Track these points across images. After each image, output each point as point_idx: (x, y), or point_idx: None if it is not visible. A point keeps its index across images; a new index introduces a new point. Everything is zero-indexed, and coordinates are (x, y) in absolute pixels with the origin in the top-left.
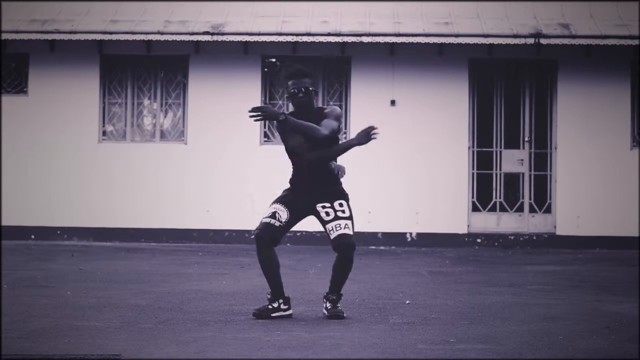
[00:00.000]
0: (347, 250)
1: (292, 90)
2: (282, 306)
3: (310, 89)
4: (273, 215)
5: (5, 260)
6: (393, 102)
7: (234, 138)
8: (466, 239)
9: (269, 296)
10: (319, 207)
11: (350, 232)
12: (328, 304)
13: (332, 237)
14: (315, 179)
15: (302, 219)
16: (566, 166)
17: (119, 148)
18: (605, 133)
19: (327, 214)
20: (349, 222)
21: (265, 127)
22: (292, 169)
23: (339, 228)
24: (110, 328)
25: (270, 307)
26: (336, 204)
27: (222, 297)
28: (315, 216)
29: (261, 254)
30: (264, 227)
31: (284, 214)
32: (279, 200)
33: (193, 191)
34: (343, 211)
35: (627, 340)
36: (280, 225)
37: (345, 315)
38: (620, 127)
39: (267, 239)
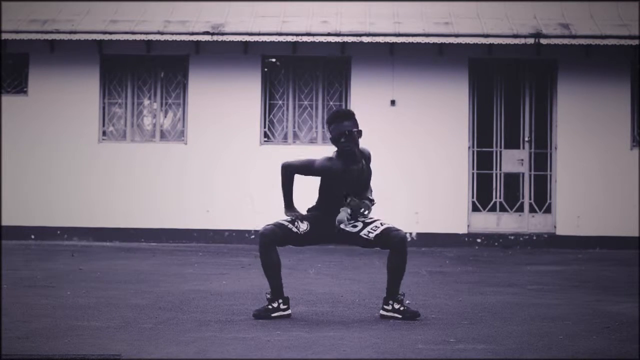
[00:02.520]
0: (400, 243)
1: (335, 136)
2: (282, 306)
3: (354, 130)
4: (292, 222)
5: (5, 260)
6: (393, 102)
7: (234, 138)
8: (466, 239)
9: (268, 296)
10: (342, 225)
11: (394, 226)
12: (396, 305)
13: (373, 237)
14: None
15: (322, 242)
16: (566, 166)
17: (119, 148)
18: (605, 133)
19: (355, 226)
20: (382, 220)
21: (265, 127)
22: (319, 200)
23: (376, 228)
24: (110, 328)
25: (269, 307)
26: (360, 217)
27: (222, 297)
28: (338, 238)
29: (264, 253)
30: (277, 227)
31: (303, 225)
32: (300, 216)
33: (193, 191)
34: (371, 218)
35: (627, 340)
36: (296, 232)
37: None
38: (620, 127)
39: (273, 239)
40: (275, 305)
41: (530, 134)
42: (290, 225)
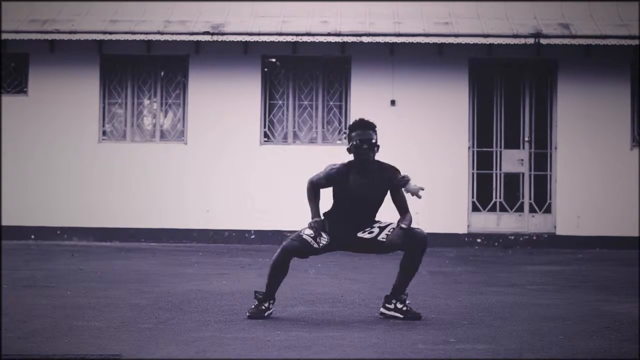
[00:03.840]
0: (423, 240)
1: (356, 142)
2: (271, 306)
3: (373, 141)
4: (315, 238)
5: (5, 260)
6: (393, 102)
7: (234, 138)
8: (466, 239)
9: (260, 296)
10: (359, 234)
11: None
12: (399, 304)
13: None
14: (361, 221)
15: (340, 249)
16: (566, 166)
17: (119, 148)
18: (605, 133)
19: (371, 232)
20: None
21: (265, 127)
22: (335, 207)
23: (393, 230)
24: (110, 328)
25: (262, 307)
26: (375, 225)
27: (222, 297)
28: (356, 246)
29: (279, 262)
30: (301, 244)
31: (323, 240)
32: (322, 227)
33: (193, 191)
34: (384, 222)
35: (627, 340)
36: (316, 248)
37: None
38: (620, 127)
39: (293, 254)
40: (266, 305)
41: (530, 134)
42: (312, 242)
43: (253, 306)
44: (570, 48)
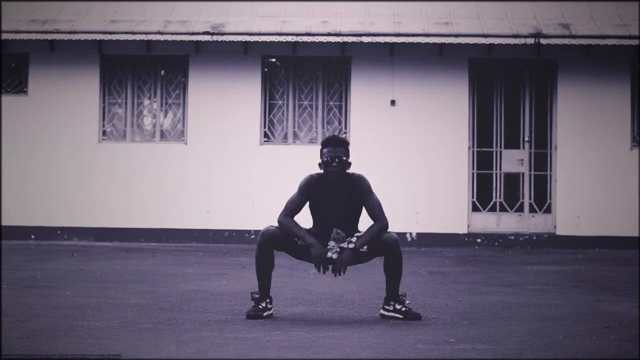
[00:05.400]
0: (393, 245)
1: (326, 159)
2: (268, 305)
3: (344, 158)
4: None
5: (5, 260)
6: (393, 102)
7: (234, 138)
8: (466, 239)
9: (256, 296)
10: (341, 245)
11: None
12: (397, 305)
13: (367, 249)
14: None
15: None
16: (566, 166)
17: (119, 148)
18: (605, 133)
19: (352, 242)
20: None
21: (265, 127)
22: (314, 223)
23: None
24: (110, 328)
25: (260, 307)
26: (356, 234)
27: (222, 297)
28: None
29: (260, 252)
30: (279, 230)
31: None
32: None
33: (193, 191)
34: (360, 231)
35: (627, 340)
36: (296, 241)
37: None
38: (620, 127)
39: (272, 241)
40: (263, 305)
41: (530, 134)
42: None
43: (251, 307)
44: (570, 48)
